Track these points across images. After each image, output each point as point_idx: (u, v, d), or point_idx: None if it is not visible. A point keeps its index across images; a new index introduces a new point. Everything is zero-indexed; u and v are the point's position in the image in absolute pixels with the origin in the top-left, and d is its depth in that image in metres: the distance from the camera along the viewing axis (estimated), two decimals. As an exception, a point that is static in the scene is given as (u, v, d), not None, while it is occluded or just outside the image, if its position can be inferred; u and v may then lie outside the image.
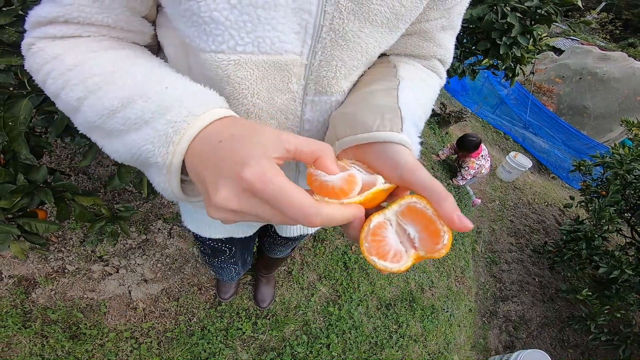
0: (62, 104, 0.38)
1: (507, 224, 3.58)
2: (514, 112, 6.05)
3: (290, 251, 1.25)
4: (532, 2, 1.19)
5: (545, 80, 6.97)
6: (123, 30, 0.41)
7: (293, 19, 0.38)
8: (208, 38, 0.38)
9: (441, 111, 4.18)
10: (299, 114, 0.47)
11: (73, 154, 1.66)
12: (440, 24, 0.51)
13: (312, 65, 0.43)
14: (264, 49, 0.40)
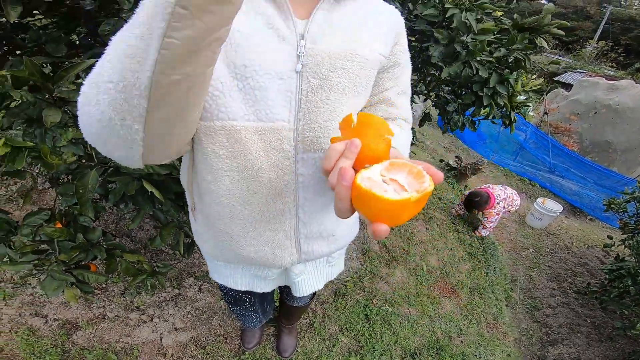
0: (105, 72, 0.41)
1: (546, 270, 3.44)
2: (535, 156, 5.98)
3: (309, 300, 1.34)
4: (499, 53, 1.35)
5: (561, 120, 6.98)
6: None
7: (280, 96, 0.55)
8: (216, 109, 0.54)
9: (457, 164, 4.24)
10: (293, 169, 0.60)
11: (119, 218, 1.92)
12: (395, 91, 0.70)
13: (298, 129, 0.58)
14: (262, 118, 0.55)
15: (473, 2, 1.20)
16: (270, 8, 0.53)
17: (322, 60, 0.55)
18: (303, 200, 0.63)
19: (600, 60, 20.30)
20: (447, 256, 2.82)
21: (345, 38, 0.57)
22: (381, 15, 0.63)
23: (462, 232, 3.20)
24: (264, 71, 0.52)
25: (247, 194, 0.59)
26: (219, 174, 0.57)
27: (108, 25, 1.06)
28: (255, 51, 0.52)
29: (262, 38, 0.53)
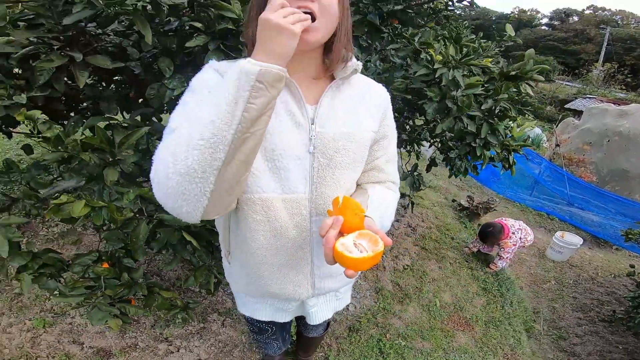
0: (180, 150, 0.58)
1: (570, 301, 3.41)
2: (552, 190, 5.92)
3: (324, 332, 1.47)
4: (487, 105, 1.49)
5: (574, 150, 6.92)
6: None
7: (299, 173, 0.72)
8: (252, 184, 0.71)
9: (469, 204, 4.30)
10: (308, 228, 0.77)
11: (150, 259, 2.11)
12: (384, 159, 0.87)
13: (312, 198, 0.75)
14: (286, 191, 0.73)
15: (458, 60, 1.38)
16: (287, 96, 0.70)
17: (328, 143, 0.73)
18: (316, 251, 0.80)
19: (608, 83, 20.09)
20: (460, 292, 2.83)
21: (345, 122, 0.75)
22: (371, 95, 0.80)
23: (476, 269, 3.22)
24: (286, 154, 0.70)
25: (276, 247, 0.76)
26: (255, 232, 0.75)
27: (153, 89, 1.29)
28: (280, 137, 0.69)
29: (284, 124, 0.70)
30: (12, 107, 1.03)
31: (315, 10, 0.63)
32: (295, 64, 0.70)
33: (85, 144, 0.94)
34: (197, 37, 1.09)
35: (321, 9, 0.63)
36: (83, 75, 1.01)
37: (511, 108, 1.50)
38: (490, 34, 2.42)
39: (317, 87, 0.75)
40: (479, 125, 1.53)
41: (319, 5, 0.63)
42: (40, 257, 1.29)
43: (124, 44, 1.35)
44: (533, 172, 6.13)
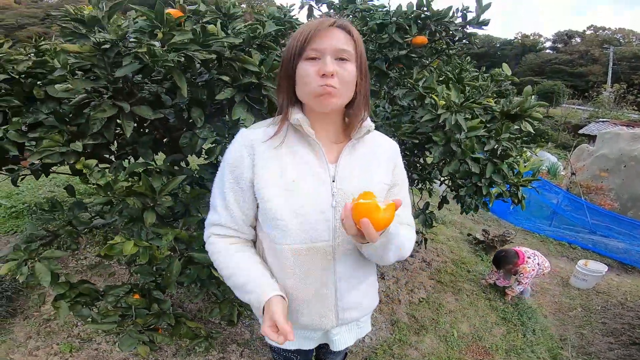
0: (220, 273, 0.86)
1: (599, 327, 3.27)
2: (572, 219, 5.78)
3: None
4: (490, 146, 1.57)
5: (591, 178, 6.80)
6: (244, 233, 0.88)
7: (323, 225, 0.81)
8: (284, 236, 0.81)
9: (484, 237, 4.28)
10: (332, 269, 0.87)
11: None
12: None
13: (335, 245, 0.84)
14: (313, 241, 0.82)
15: (460, 104, 1.50)
16: (313, 158, 0.82)
17: (348, 197, 0.82)
18: (339, 287, 0.90)
19: (620, 105, 19.68)
20: (478, 322, 2.78)
21: (360, 179, 0.85)
22: (381, 150, 0.92)
23: (494, 300, 3.16)
24: (313, 209, 0.81)
25: (305, 285, 0.87)
26: (285, 275, 0.86)
27: (185, 138, 1.44)
28: (306, 195, 0.80)
29: (309, 184, 0.81)
30: (67, 154, 1.19)
31: (336, 85, 0.73)
32: (319, 127, 0.82)
33: (131, 190, 1.07)
34: (225, 90, 1.25)
35: (340, 80, 0.74)
36: (130, 125, 1.17)
37: (513, 148, 1.58)
38: (496, 62, 2.52)
39: (336, 146, 0.86)
40: (483, 166, 1.61)
41: (339, 77, 0.74)
42: (76, 287, 1.41)
43: (159, 91, 1.53)
44: (551, 203, 6.04)
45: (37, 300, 2.38)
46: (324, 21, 0.74)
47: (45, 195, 4.04)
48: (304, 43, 0.73)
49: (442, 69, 2.38)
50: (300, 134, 0.82)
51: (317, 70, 0.73)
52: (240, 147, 0.83)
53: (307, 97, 0.77)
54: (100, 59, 1.17)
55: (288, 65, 0.77)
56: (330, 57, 0.73)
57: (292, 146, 0.83)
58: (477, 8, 1.74)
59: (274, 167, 0.81)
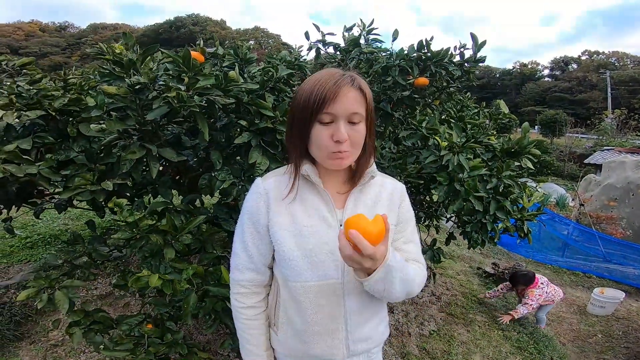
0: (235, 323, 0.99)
1: (622, 351, 3.22)
2: (584, 250, 5.74)
3: None
4: (492, 184, 1.63)
5: (600, 208, 6.77)
6: (261, 273, 0.96)
7: (332, 264, 0.87)
8: (296, 275, 0.88)
9: (494, 271, 4.29)
10: (342, 304, 0.91)
11: (183, 324, 2.21)
12: (402, 241, 1.01)
13: (344, 282, 0.89)
14: (323, 278, 0.88)
15: (461, 145, 1.58)
16: (321, 204, 0.89)
17: None
18: (350, 321, 0.95)
19: (623, 131, 19.45)
20: (492, 353, 2.72)
21: None
22: (387, 191, 0.98)
23: (507, 330, 3.10)
24: (321, 250, 0.87)
25: (316, 319, 0.92)
26: (298, 310, 0.92)
27: (204, 180, 1.52)
28: (315, 237, 0.86)
29: (319, 228, 0.87)
30: (97, 192, 1.28)
31: (347, 149, 0.80)
32: (327, 177, 0.91)
33: (155, 227, 1.15)
34: (243, 134, 1.34)
35: (352, 142, 0.80)
36: (156, 166, 1.26)
37: (514, 185, 1.64)
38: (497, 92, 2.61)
39: (342, 193, 0.93)
40: (487, 204, 1.65)
41: (350, 140, 0.79)
42: (92, 315, 1.47)
43: (179, 132, 1.64)
44: (561, 234, 6.00)
45: (49, 326, 2.42)
46: (340, 81, 0.76)
47: (59, 227, 4.14)
48: (320, 106, 0.76)
49: (445, 106, 2.49)
50: (310, 183, 0.89)
51: (331, 135, 0.78)
52: (256, 197, 0.91)
53: (319, 158, 0.84)
54: (133, 101, 1.27)
55: (302, 125, 0.80)
56: (344, 121, 0.78)
57: (302, 194, 0.90)
58: (473, 46, 1.85)
59: (286, 213, 0.88)
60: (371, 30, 2.21)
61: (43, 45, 41.80)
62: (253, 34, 53.72)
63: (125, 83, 1.27)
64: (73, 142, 1.49)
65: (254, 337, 0.98)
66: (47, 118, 1.52)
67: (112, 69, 1.32)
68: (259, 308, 0.99)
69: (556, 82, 45.97)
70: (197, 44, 1.86)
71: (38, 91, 1.49)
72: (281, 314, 0.97)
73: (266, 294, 1.01)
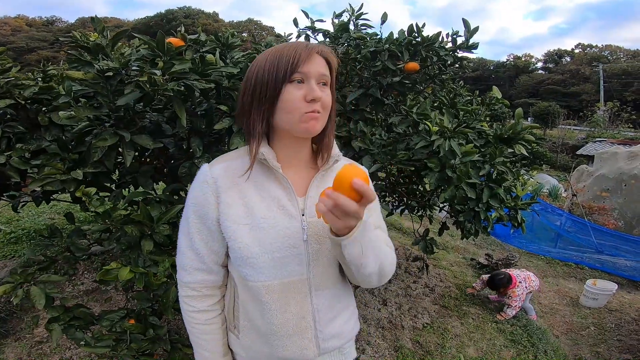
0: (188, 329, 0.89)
1: (615, 344, 3.21)
2: (577, 240, 5.74)
3: None
4: (484, 170, 1.58)
5: (592, 198, 6.78)
6: (214, 273, 0.85)
7: (296, 260, 0.79)
8: (256, 274, 0.78)
9: (488, 262, 4.27)
10: (309, 301, 0.84)
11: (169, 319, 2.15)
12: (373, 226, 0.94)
13: (309, 278, 0.82)
14: (287, 277, 0.80)
15: (453, 130, 1.52)
16: (279, 190, 0.79)
17: (319, 230, 0.81)
18: (319, 318, 0.87)
19: (615, 123, 19.49)
20: (486, 346, 2.70)
21: None
22: None
23: (501, 323, 3.09)
24: (283, 245, 0.78)
25: (283, 320, 0.83)
26: (263, 310, 0.82)
27: (184, 168, 1.46)
28: (275, 230, 0.77)
29: (279, 220, 0.77)
30: (67, 181, 1.21)
31: (320, 109, 0.74)
32: (285, 159, 0.81)
33: (129, 218, 1.09)
34: (223, 120, 1.28)
35: (323, 105, 0.74)
36: (130, 154, 1.19)
37: (508, 171, 1.59)
38: (490, 85, 2.57)
39: (304, 179, 0.84)
40: (480, 191, 1.60)
41: (322, 102, 0.74)
42: (72, 311, 1.42)
43: (159, 120, 1.57)
44: (554, 225, 6.01)
45: (30, 322, 2.40)
46: (309, 45, 0.74)
47: (45, 222, 4.06)
48: (295, 65, 0.71)
49: (437, 94, 2.44)
50: (266, 168, 0.80)
51: (304, 95, 0.72)
52: (202, 186, 0.79)
53: (290, 123, 0.75)
54: (104, 86, 1.20)
55: (270, 91, 0.72)
56: (315, 81, 0.73)
57: (258, 181, 0.80)
58: (465, 32, 1.80)
59: (240, 204, 0.78)
60: (360, 16, 2.14)
61: (30, 40, 40.97)
62: (246, 26, 53.09)
63: (94, 68, 1.20)
64: (45, 131, 1.43)
65: (210, 343, 0.88)
66: (17, 107, 1.46)
67: (79, 54, 1.24)
68: (213, 312, 0.88)
69: (549, 74, 46.20)
70: (177, 31, 1.79)
71: (8, 81, 1.43)
72: (241, 317, 0.87)
73: (221, 296, 0.91)
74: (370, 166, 1.61)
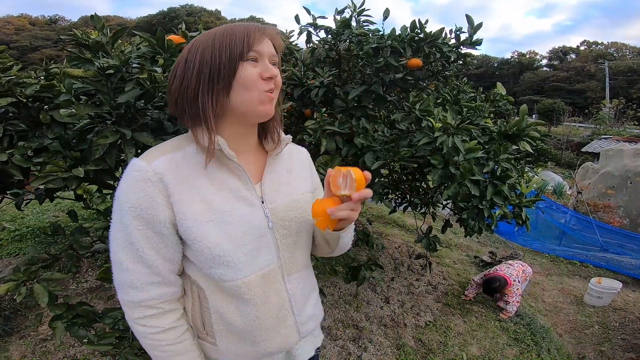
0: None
1: (619, 343, 3.18)
2: (582, 238, 5.70)
3: None
4: (488, 167, 1.56)
5: (597, 196, 6.73)
6: (170, 285, 0.76)
7: (266, 249, 0.78)
8: (234, 272, 0.74)
9: (492, 260, 4.24)
10: (285, 287, 0.83)
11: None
12: None
13: (282, 265, 0.82)
14: (261, 268, 0.78)
15: (456, 126, 1.51)
16: (234, 181, 0.75)
17: (282, 215, 0.80)
18: (295, 304, 0.87)
19: (620, 121, 19.36)
20: (489, 344, 2.69)
21: (286, 193, 0.83)
22: (297, 161, 0.90)
23: (505, 321, 3.07)
24: (252, 236, 0.75)
25: (265, 313, 0.82)
26: (246, 309, 0.79)
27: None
28: (240, 222, 0.74)
29: (241, 210, 0.74)
30: (69, 179, 1.20)
31: (274, 88, 0.72)
32: (236, 147, 0.75)
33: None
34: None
35: (276, 86, 0.73)
36: (131, 151, 1.19)
37: (512, 168, 1.57)
38: (494, 81, 2.54)
39: (255, 164, 0.82)
40: (484, 188, 1.58)
41: (275, 83, 0.72)
42: (75, 309, 1.42)
43: (161, 117, 1.57)
44: (558, 223, 5.97)
45: (34, 320, 2.40)
46: (259, 26, 0.72)
47: (49, 220, 4.09)
48: (251, 43, 0.68)
49: (440, 91, 2.42)
50: (217, 157, 0.73)
51: (259, 73, 0.69)
52: (143, 185, 0.68)
53: (246, 105, 0.70)
54: (104, 84, 1.20)
55: (225, 66, 0.67)
56: (267, 60, 0.71)
57: (210, 172, 0.73)
58: (469, 28, 1.78)
59: (196, 200, 0.71)
60: (362, 12, 2.12)
61: (34, 39, 41.22)
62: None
63: (94, 66, 1.20)
64: (47, 129, 1.43)
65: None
66: (19, 105, 1.46)
67: (79, 52, 1.24)
68: (180, 327, 0.78)
69: (554, 71, 45.89)
70: (178, 28, 1.79)
71: (9, 79, 1.43)
72: (215, 322, 0.81)
73: (182, 307, 0.82)
74: (373, 163, 1.60)
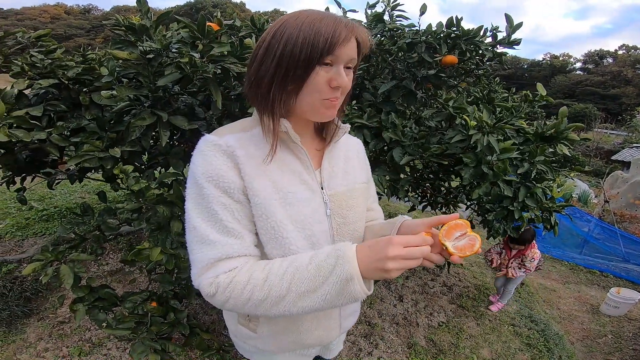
0: (268, 301, 0.63)
1: (630, 353, 3.12)
2: (604, 248, 5.53)
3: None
4: (523, 168, 1.50)
5: (625, 206, 6.47)
6: (253, 255, 0.70)
7: (322, 235, 0.76)
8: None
9: None
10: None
11: (188, 303, 2.19)
12: (372, 199, 0.98)
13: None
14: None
15: (492, 125, 1.46)
16: (297, 163, 0.74)
17: (340, 203, 0.79)
18: None
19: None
20: (501, 348, 2.64)
21: (343, 181, 0.82)
22: (353, 151, 0.89)
23: (519, 326, 3.01)
24: (313, 220, 0.74)
25: None
26: None
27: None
28: (302, 205, 0.73)
29: (303, 194, 0.73)
30: (105, 159, 1.23)
31: (339, 98, 0.70)
32: (304, 132, 0.76)
33: (162, 198, 1.10)
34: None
35: (343, 91, 0.69)
36: (166, 134, 1.21)
37: (548, 171, 1.51)
38: (524, 83, 2.44)
39: (314, 151, 0.81)
40: (516, 189, 1.53)
41: (342, 89, 0.68)
42: (96, 291, 1.45)
43: (193, 103, 1.59)
44: (581, 231, 5.78)
45: (55, 302, 2.41)
46: (348, 25, 0.64)
47: (76, 200, 4.17)
48: (332, 47, 0.62)
49: (471, 90, 2.35)
50: (282, 140, 0.73)
51: (329, 79, 0.65)
52: (217, 155, 0.67)
53: (309, 106, 0.68)
54: (145, 67, 1.22)
55: (301, 67, 0.63)
56: (343, 65, 0.66)
57: (275, 153, 0.71)
58: (507, 27, 1.72)
59: (264, 177, 0.70)
60: (396, 7, 2.07)
61: (68, 28, 42.61)
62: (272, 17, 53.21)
63: (137, 49, 1.21)
64: (85, 110, 1.47)
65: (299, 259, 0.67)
66: (60, 87, 1.51)
67: (124, 35, 1.26)
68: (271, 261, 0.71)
69: (588, 75, 44.02)
70: (214, 16, 1.80)
71: (53, 61, 1.48)
72: None
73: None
74: (401, 158, 1.58)
